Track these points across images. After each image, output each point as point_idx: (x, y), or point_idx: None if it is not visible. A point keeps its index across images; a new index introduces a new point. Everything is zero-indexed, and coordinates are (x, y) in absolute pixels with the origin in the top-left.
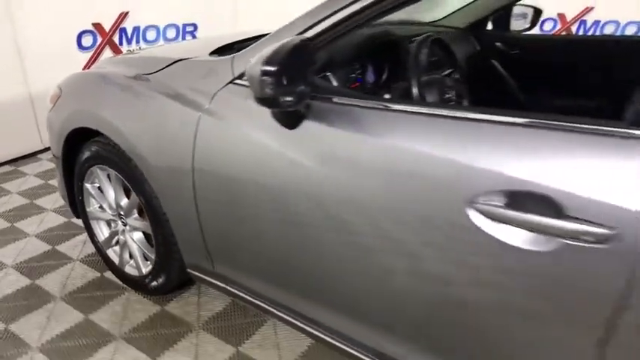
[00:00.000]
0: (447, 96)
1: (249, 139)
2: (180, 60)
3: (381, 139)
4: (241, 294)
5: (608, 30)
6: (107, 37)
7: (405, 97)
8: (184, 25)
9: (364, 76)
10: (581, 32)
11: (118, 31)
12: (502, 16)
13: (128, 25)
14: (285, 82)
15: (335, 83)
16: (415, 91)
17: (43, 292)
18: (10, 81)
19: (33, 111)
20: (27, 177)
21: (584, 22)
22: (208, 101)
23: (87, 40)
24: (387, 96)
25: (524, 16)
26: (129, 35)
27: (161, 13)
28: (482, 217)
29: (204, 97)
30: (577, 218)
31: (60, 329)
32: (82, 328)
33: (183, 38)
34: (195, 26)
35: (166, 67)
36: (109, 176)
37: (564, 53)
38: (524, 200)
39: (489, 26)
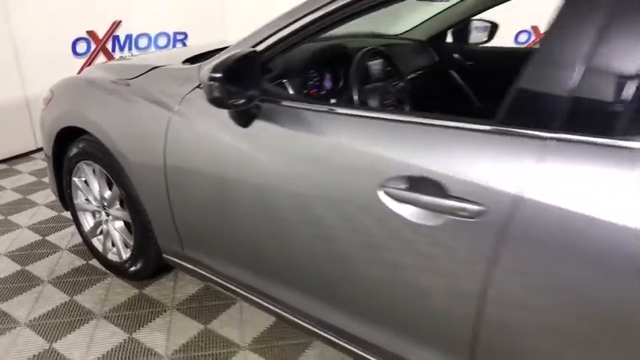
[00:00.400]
0: (387, 102)
1: (210, 135)
2: (156, 67)
3: (316, 136)
4: (208, 274)
5: None
6: (100, 44)
7: (349, 102)
8: (175, 34)
9: (322, 84)
10: None
11: (111, 38)
12: (461, 29)
13: (121, 33)
14: (231, 87)
15: (291, 89)
16: (355, 97)
17: (33, 277)
18: (7, 84)
19: (29, 113)
20: (21, 174)
21: None
22: (178, 103)
23: (81, 47)
24: (333, 101)
25: (484, 29)
26: (121, 43)
27: (152, 22)
28: (389, 198)
29: (174, 100)
30: (457, 197)
31: (47, 308)
32: (67, 308)
33: (174, 46)
34: (185, 34)
35: (144, 73)
36: (94, 171)
37: (514, 62)
38: (420, 184)
39: (449, 39)
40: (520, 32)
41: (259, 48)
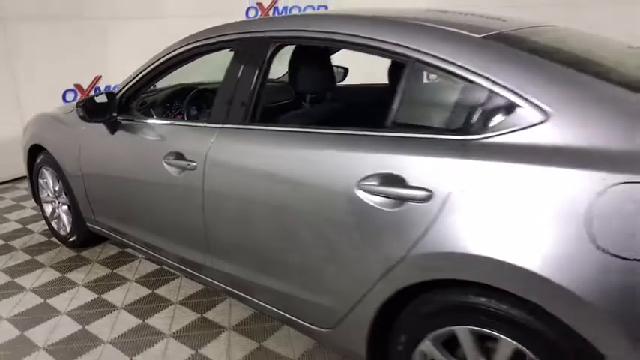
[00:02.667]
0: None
1: (98, 140)
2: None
3: (146, 137)
4: (110, 233)
5: None
6: (85, 93)
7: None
8: None
9: (187, 111)
10: None
11: (93, 89)
12: None
13: (102, 84)
14: (94, 112)
15: (154, 114)
16: (186, 117)
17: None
18: (10, 123)
19: None
20: (20, 190)
21: None
22: (84, 125)
23: (70, 96)
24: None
25: (339, 73)
26: None
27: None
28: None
29: (82, 123)
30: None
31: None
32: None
33: None
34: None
35: (73, 110)
36: (49, 174)
37: (359, 97)
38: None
39: None
40: None
41: (125, 88)
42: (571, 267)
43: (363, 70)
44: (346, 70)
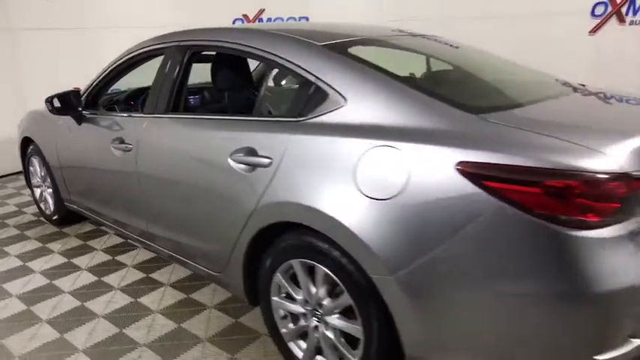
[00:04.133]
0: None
1: (69, 131)
2: None
3: (100, 128)
4: (82, 210)
5: None
6: None
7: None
8: None
9: (135, 105)
10: None
11: None
12: None
13: None
14: (61, 106)
15: (118, 110)
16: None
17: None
18: (16, 123)
19: None
20: (21, 181)
21: None
22: (60, 119)
23: None
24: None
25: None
26: None
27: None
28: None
29: (58, 117)
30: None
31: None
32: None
33: None
34: None
35: None
36: (38, 161)
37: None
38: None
39: None
40: None
41: (90, 87)
42: (346, 208)
43: None
44: None
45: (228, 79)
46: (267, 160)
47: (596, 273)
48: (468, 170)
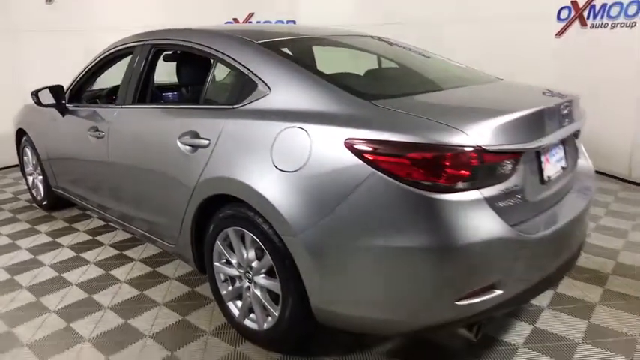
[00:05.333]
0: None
1: (55, 121)
2: None
3: (81, 118)
4: (68, 195)
5: None
6: None
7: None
8: None
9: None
10: None
11: None
12: None
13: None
14: (45, 98)
15: (99, 102)
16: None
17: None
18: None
19: None
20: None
21: None
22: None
23: None
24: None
25: None
26: None
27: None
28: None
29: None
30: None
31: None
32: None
33: None
34: None
35: None
36: (30, 151)
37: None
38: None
39: None
40: None
41: (74, 82)
42: (264, 181)
43: None
44: None
45: (184, 74)
46: (206, 142)
47: (456, 230)
48: (353, 145)
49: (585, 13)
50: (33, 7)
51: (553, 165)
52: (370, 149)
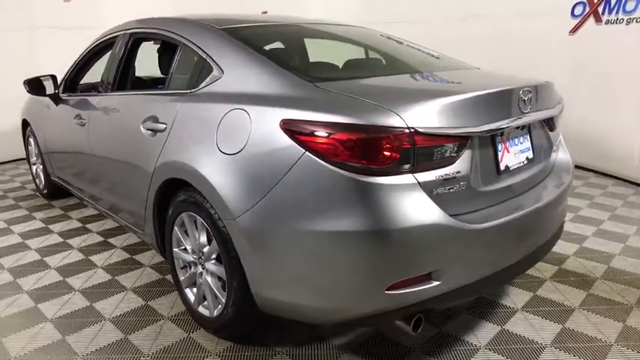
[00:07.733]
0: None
1: (50, 110)
2: None
3: (72, 107)
4: (63, 184)
5: None
6: None
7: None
8: None
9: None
10: None
11: None
12: None
13: None
14: (38, 88)
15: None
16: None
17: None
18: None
19: None
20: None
21: None
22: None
23: None
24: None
25: None
26: None
27: None
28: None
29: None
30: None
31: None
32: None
33: None
34: None
35: None
36: (33, 141)
37: None
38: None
39: None
40: None
41: (68, 73)
42: (209, 164)
43: None
44: None
45: (160, 61)
46: (163, 126)
47: (384, 215)
48: (286, 126)
49: (600, 9)
50: (51, 4)
51: (514, 155)
52: (302, 130)
